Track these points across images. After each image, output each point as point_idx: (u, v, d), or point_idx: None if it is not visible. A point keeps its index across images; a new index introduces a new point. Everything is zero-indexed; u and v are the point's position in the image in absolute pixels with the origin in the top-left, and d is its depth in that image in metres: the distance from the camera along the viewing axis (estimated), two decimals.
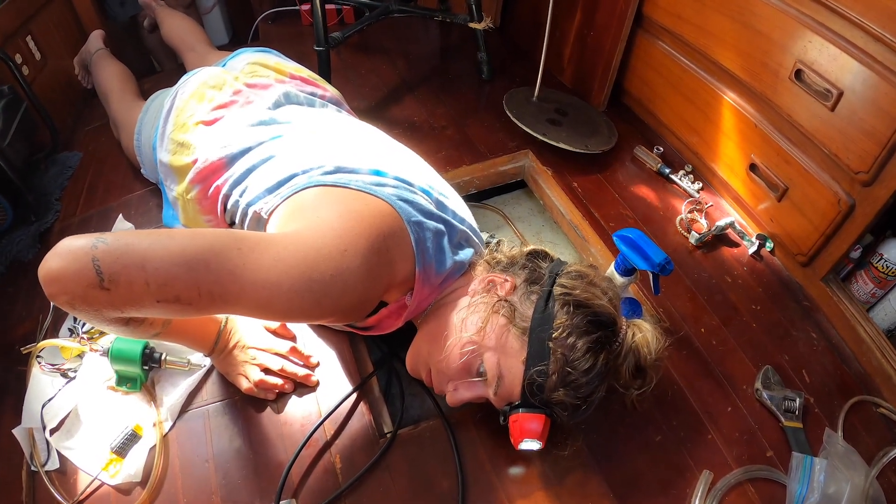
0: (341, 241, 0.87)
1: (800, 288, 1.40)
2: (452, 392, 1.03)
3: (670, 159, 1.72)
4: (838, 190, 1.24)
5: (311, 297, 0.84)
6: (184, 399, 1.19)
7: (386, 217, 0.95)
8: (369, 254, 0.88)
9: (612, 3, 1.75)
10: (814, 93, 1.24)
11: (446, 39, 2.51)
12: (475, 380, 1.00)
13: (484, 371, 0.98)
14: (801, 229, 1.36)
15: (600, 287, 1.00)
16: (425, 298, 1.06)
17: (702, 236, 1.47)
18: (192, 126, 1.28)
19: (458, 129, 1.90)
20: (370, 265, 0.89)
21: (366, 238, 0.89)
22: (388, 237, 0.93)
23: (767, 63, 1.34)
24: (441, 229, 1.04)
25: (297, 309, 0.86)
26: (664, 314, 1.34)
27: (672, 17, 1.61)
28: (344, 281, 0.86)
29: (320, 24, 1.84)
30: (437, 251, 1.03)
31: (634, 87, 1.88)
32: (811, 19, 1.22)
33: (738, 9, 1.39)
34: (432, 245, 1.01)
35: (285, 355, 1.22)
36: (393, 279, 0.97)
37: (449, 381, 1.03)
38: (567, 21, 1.97)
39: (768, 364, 1.23)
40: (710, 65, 1.54)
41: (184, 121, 1.30)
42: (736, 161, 1.52)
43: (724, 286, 1.39)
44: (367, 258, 0.88)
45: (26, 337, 1.33)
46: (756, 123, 1.42)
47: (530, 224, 1.82)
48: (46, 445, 1.12)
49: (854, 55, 1.15)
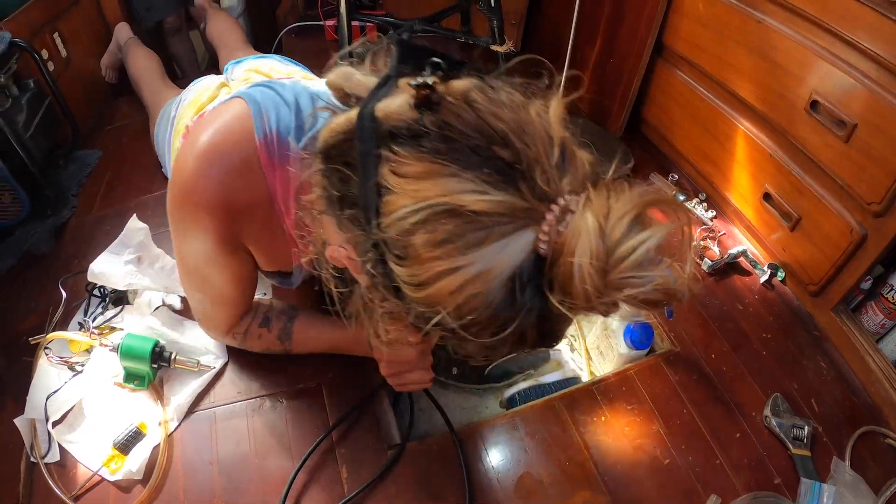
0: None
1: (810, 317, 1.40)
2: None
3: (685, 187, 1.73)
4: (850, 220, 1.25)
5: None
6: (191, 400, 1.19)
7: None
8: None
9: (633, 32, 1.77)
10: (829, 124, 1.25)
11: (468, 60, 2.50)
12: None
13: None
14: (812, 259, 1.36)
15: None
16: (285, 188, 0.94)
17: (714, 264, 1.47)
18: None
19: None
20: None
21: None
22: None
23: (784, 94, 1.35)
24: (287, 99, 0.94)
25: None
26: (676, 338, 1.33)
27: (691, 47, 1.63)
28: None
29: (345, 40, 1.86)
30: (280, 119, 0.91)
31: (652, 114, 1.89)
32: (827, 51, 1.24)
33: (756, 40, 1.40)
34: (273, 113, 0.91)
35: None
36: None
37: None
38: (587, 47, 1.99)
39: (777, 392, 1.23)
40: (727, 95, 1.55)
41: (181, 128, 1.32)
42: (750, 190, 1.52)
43: (736, 313, 1.39)
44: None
45: (35, 328, 1.33)
46: (771, 153, 1.43)
47: None
48: (48, 437, 1.12)
49: (869, 87, 1.16)
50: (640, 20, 1.73)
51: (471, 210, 0.53)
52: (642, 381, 1.26)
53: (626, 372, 1.28)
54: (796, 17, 1.30)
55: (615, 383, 1.26)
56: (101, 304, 1.34)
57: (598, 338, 1.39)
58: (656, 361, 1.30)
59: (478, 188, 0.54)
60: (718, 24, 1.51)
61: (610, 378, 1.27)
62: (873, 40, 1.13)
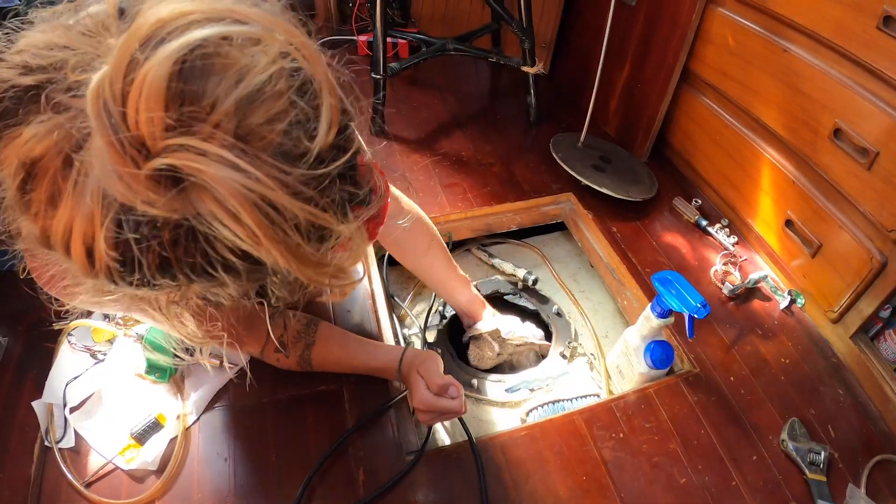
0: None
1: (828, 344, 1.40)
2: None
3: (708, 212, 1.73)
4: (871, 248, 1.25)
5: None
6: (211, 395, 1.20)
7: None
8: None
9: (661, 59, 1.80)
10: (851, 151, 1.26)
11: (497, 81, 2.57)
12: None
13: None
14: (832, 286, 1.37)
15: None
16: None
17: (735, 288, 1.47)
18: None
19: (505, 167, 1.93)
20: None
21: None
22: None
23: (808, 122, 1.37)
24: None
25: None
26: (695, 360, 1.34)
27: (718, 73, 1.65)
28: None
29: (380, 53, 1.91)
30: None
31: (677, 139, 1.91)
32: (852, 80, 1.25)
33: (782, 68, 1.42)
34: None
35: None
36: None
37: None
38: (616, 73, 2.02)
39: (795, 416, 1.23)
40: (751, 121, 1.57)
41: None
42: (772, 217, 1.53)
43: (755, 338, 1.39)
44: None
45: (59, 315, 1.34)
46: (794, 180, 1.44)
47: (567, 265, 1.84)
48: (64, 422, 1.13)
49: (892, 115, 1.17)
50: (669, 47, 1.76)
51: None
52: (661, 401, 1.26)
53: (645, 390, 1.28)
54: (821, 46, 1.32)
55: (634, 401, 1.26)
56: None
57: (619, 357, 1.39)
58: (676, 382, 1.30)
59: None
60: (745, 52, 1.53)
61: (629, 396, 1.27)
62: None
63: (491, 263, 1.79)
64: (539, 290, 1.72)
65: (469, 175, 1.88)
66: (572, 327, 1.61)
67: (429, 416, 1.08)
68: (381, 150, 1.99)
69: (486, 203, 1.76)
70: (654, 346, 1.27)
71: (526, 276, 1.70)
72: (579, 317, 1.66)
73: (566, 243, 1.92)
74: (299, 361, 1.17)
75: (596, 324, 1.64)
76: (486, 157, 1.98)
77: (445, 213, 1.71)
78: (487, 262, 1.80)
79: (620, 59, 1.98)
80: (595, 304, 1.71)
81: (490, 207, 1.76)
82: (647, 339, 1.29)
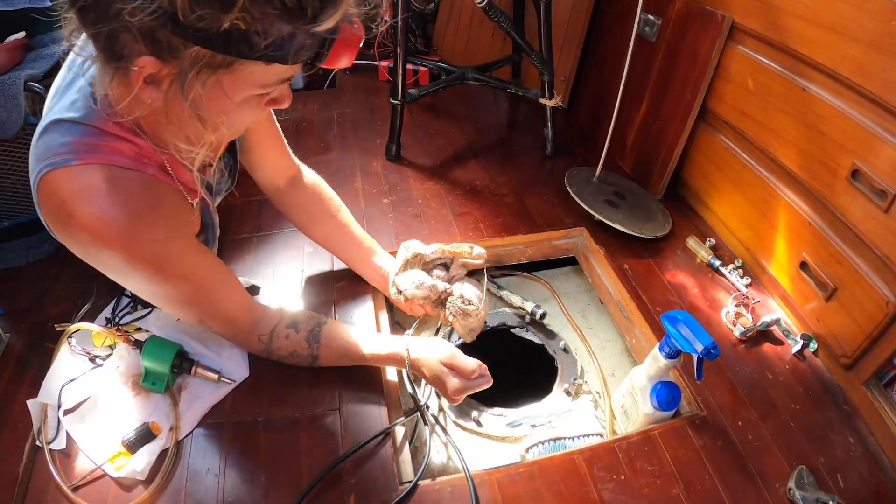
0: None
1: (841, 391, 1.36)
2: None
3: (721, 252, 1.72)
4: (887, 292, 1.23)
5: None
6: (207, 409, 1.20)
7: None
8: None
9: (679, 95, 1.80)
10: (869, 193, 1.25)
11: (515, 112, 2.60)
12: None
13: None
14: (846, 331, 1.34)
15: None
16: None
17: (746, 330, 1.45)
18: None
19: (518, 198, 1.94)
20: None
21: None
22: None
23: (826, 162, 1.36)
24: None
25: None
26: (703, 403, 1.31)
27: (736, 112, 1.65)
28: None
29: (400, 78, 1.93)
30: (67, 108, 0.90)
31: (693, 177, 1.91)
32: (871, 121, 1.24)
33: (800, 107, 1.42)
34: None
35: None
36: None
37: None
38: (634, 109, 2.03)
39: (803, 464, 1.19)
40: (768, 161, 1.56)
41: None
42: (787, 259, 1.51)
43: (765, 382, 1.36)
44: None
45: (61, 316, 1.37)
46: (810, 222, 1.43)
47: (576, 300, 1.82)
48: (57, 424, 1.14)
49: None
50: (688, 84, 1.76)
51: None
52: (665, 443, 1.23)
53: (649, 432, 1.25)
54: (841, 85, 1.31)
55: (638, 443, 1.23)
56: (130, 303, 1.39)
57: (624, 396, 1.37)
58: (681, 424, 1.27)
59: None
60: (764, 91, 1.53)
61: (633, 437, 1.25)
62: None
63: (499, 295, 1.78)
64: (547, 324, 1.70)
65: (482, 205, 1.89)
66: (578, 364, 1.59)
67: (462, 397, 1.19)
68: (396, 175, 2.00)
69: (498, 234, 1.76)
70: (661, 387, 1.24)
71: (534, 309, 1.69)
72: (586, 354, 1.63)
73: (576, 278, 1.91)
74: (308, 337, 1.20)
75: (603, 361, 1.61)
76: (500, 188, 1.98)
77: (455, 243, 1.70)
78: (496, 293, 1.79)
79: (639, 94, 1.99)
80: (603, 341, 1.69)
81: (501, 239, 1.76)
82: (654, 380, 1.26)
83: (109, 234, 0.88)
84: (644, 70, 1.96)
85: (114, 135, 0.90)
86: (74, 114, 0.88)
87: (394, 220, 1.79)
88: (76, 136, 0.87)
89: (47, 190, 0.87)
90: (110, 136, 0.90)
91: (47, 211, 0.89)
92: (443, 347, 1.22)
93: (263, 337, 1.19)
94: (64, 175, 0.86)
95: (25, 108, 1.46)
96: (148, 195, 0.94)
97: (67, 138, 0.87)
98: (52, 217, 0.90)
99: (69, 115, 0.88)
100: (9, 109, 1.44)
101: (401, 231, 1.74)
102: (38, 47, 1.68)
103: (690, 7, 1.77)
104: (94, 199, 0.87)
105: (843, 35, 1.28)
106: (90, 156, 0.87)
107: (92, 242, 0.89)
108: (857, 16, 1.24)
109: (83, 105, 0.89)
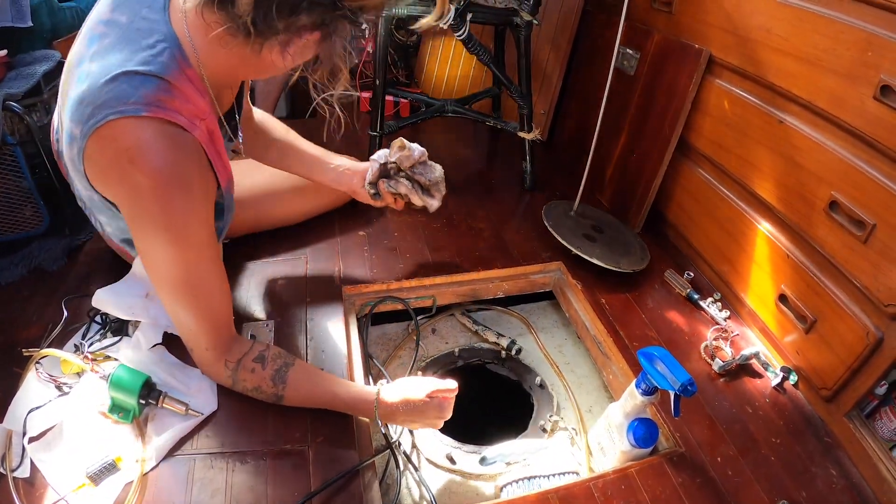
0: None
1: (822, 423, 1.36)
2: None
3: (700, 285, 1.73)
4: (867, 323, 1.25)
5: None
6: (173, 442, 1.18)
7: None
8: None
9: (657, 129, 1.84)
10: (847, 224, 1.28)
11: (494, 144, 2.64)
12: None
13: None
14: (826, 363, 1.35)
15: None
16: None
17: (725, 364, 1.45)
18: None
19: (495, 232, 1.95)
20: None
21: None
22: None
23: (803, 194, 1.39)
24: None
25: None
26: (680, 439, 1.30)
27: (714, 145, 1.69)
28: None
29: (379, 113, 1.99)
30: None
31: (671, 211, 1.94)
32: (848, 152, 1.28)
33: (777, 140, 1.46)
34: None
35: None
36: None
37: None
38: (612, 142, 2.07)
39: (785, 499, 1.19)
40: (746, 194, 1.60)
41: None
42: (766, 291, 1.53)
43: (745, 416, 1.36)
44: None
45: (31, 341, 1.36)
46: (788, 254, 1.45)
47: (553, 335, 1.83)
48: (21, 451, 1.12)
49: (888, 187, 1.19)
50: (665, 117, 1.80)
51: None
52: (643, 481, 1.22)
53: (626, 470, 1.24)
54: (817, 117, 1.35)
55: (614, 481, 1.22)
56: (100, 330, 1.38)
57: (601, 433, 1.35)
58: (659, 461, 1.26)
59: None
60: (741, 123, 1.57)
61: (609, 475, 1.23)
62: (893, 140, 1.17)
63: (475, 330, 1.77)
64: (523, 359, 1.71)
65: (458, 238, 1.90)
66: (555, 400, 1.58)
67: (450, 409, 1.23)
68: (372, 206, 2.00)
69: (474, 268, 1.76)
70: (638, 424, 1.23)
71: (510, 345, 1.68)
72: (563, 389, 1.63)
73: (553, 313, 1.91)
74: (274, 376, 1.20)
75: (580, 397, 1.61)
76: (477, 222, 1.99)
77: (431, 277, 1.71)
78: (471, 328, 1.78)
79: (618, 127, 2.03)
80: (580, 376, 1.69)
81: (477, 273, 1.76)
82: (631, 416, 1.25)
83: (160, 184, 0.97)
84: (623, 103, 2.00)
85: (182, 92, 0.99)
86: (149, 67, 0.95)
87: (369, 253, 1.78)
88: (149, 90, 0.94)
89: (111, 135, 0.94)
90: (179, 93, 0.99)
91: (107, 153, 0.97)
92: (417, 381, 1.23)
93: (230, 364, 1.19)
94: (133, 124, 0.93)
95: (3, 128, 1.46)
96: (195, 159, 1.03)
97: (141, 91, 0.94)
98: (110, 159, 0.97)
99: (144, 68, 0.95)
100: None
101: (376, 264, 1.74)
102: (18, 66, 1.70)
103: (668, 41, 1.82)
104: (155, 151, 0.95)
105: (819, 67, 1.33)
106: (158, 110, 0.95)
107: (143, 188, 0.97)
108: (833, 47, 1.29)
109: (157, 60, 0.97)
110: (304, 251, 1.76)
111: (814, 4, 1.34)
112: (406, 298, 1.68)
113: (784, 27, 1.41)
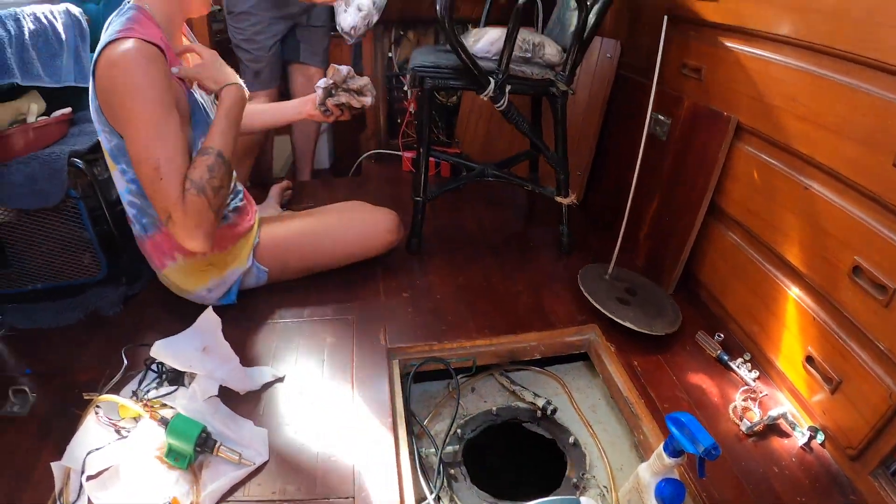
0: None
1: (848, 481, 1.38)
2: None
3: (730, 346, 1.77)
4: (890, 384, 1.27)
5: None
6: (226, 489, 1.26)
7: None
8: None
9: (689, 193, 1.92)
10: (870, 288, 1.31)
11: (532, 207, 2.75)
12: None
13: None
14: (852, 422, 1.37)
15: None
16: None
17: (753, 425, 1.48)
18: None
19: (532, 295, 2.03)
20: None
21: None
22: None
23: (828, 258, 1.43)
24: None
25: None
26: (707, 498, 1.33)
27: (742, 209, 1.75)
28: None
29: (422, 178, 2.12)
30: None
31: (703, 273, 1.99)
32: (869, 217, 1.32)
33: (803, 205, 1.51)
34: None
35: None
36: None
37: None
38: (645, 205, 2.14)
39: None
40: (774, 258, 1.64)
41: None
42: (793, 353, 1.57)
43: (771, 476, 1.39)
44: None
45: (88, 383, 1.49)
46: (815, 317, 1.49)
47: (587, 396, 1.89)
48: (79, 488, 1.21)
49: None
50: (697, 182, 1.88)
51: None
52: None
53: None
54: (839, 183, 1.40)
55: None
56: (156, 379, 1.50)
57: (630, 492, 1.40)
58: None
59: None
60: (768, 189, 1.63)
61: None
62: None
63: (512, 390, 1.85)
64: (557, 419, 1.76)
65: (496, 301, 1.98)
66: (587, 459, 1.64)
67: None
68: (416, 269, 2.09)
69: (512, 331, 1.84)
70: (664, 485, 1.27)
71: (545, 405, 1.74)
72: (595, 448, 1.68)
73: (588, 373, 1.97)
74: (201, 158, 1.53)
75: (611, 456, 1.66)
76: (515, 285, 2.08)
77: (472, 339, 1.79)
78: (509, 387, 1.86)
79: (651, 191, 2.12)
80: (612, 436, 1.74)
81: (515, 336, 1.83)
82: (659, 477, 1.29)
83: (136, 69, 1.41)
84: (655, 167, 2.09)
85: (142, 25, 1.47)
86: (122, 18, 1.47)
87: (413, 316, 1.88)
88: (122, 27, 1.44)
89: (104, 55, 1.42)
90: (140, 26, 1.46)
91: (102, 68, 1.42)
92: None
93: (185, 184, 1.46)
94: (115, 44, 1.41)
95: (67, 182, 1.61)
96: (159, 58, 1.46)
97: (118, 28, 1.44)
98: (104, 71, 1.42)
99: (119, 19, 1.48)
100: (52, 182, 1.61)
101: (419, 326, 1.84)
102: (80, 123, 1.87)
103: (698, 107, 1.91)
104: (128, 49, 1.40)
105: (840, 134, 1.38)
106: (130, 32, 1.42)
107: (123, 73, 1.40)
108: (852, 115, 1.35)
109: (127, 13, 1.50)
110: (351, 311, 1.87)
111: (834, 73, 1.40)
112: (447, 359, 1.76)
113: (807, 95, 1.47)
